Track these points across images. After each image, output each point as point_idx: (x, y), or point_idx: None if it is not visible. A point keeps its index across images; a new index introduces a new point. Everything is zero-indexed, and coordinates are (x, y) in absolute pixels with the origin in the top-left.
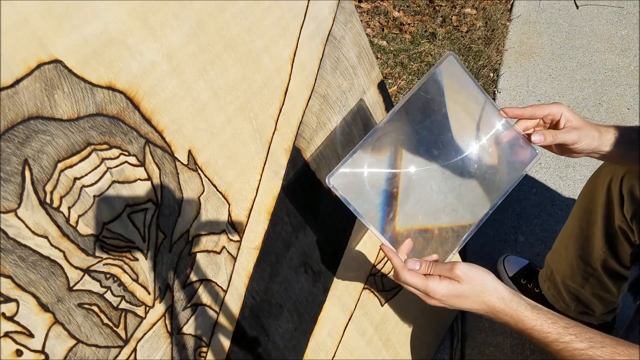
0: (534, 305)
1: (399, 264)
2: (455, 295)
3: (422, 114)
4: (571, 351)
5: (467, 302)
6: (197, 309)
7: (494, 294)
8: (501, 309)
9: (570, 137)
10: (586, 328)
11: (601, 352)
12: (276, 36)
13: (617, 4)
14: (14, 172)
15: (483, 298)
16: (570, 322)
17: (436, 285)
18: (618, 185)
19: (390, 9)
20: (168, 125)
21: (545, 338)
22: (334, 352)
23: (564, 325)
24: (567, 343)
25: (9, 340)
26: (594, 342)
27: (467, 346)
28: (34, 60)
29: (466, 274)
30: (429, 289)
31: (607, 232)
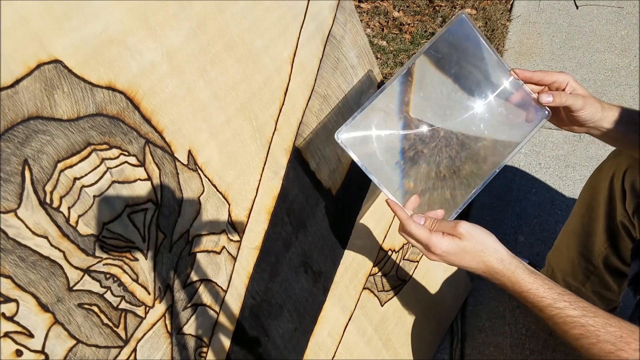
0: (531, 270)
1: (404, 216)
2: (456, 252)
3: (433, 72)
4: (564, 317)
5: (466, 259)
6: (197, 309)
7: (493, 254)
8: (499, 269)
9: (576, 103)
10: (580, 298)
11: (593, 321)
12: (276, 36)
13: (617, 4)
14: (13, 172)
15: (482, 257)
16: (565, 290)
17: (439, 240)
18: (620, 179)
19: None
20: (168, 126)
21: (539, 302)
22: (334, 352)
23: (559, 292)
24: (561, 309)
25: (8, 340)
26: (586, 311)
27: (467, 346)
28: (34, 60)
29: (469, 232)
30: (432, 242)
31: (609, 227)
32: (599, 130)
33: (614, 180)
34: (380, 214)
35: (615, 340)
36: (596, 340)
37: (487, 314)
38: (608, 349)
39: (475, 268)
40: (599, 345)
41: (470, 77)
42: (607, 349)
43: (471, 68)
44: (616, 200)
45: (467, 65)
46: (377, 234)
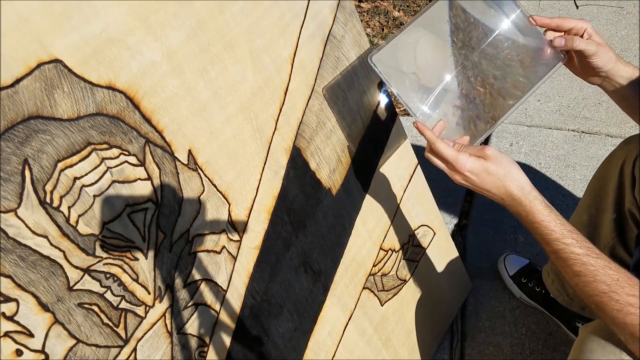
0: (547, 204)
1: (432, 136)
2: (480, 172)
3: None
4: (568, 254)
5: (488, 182)
6: (197, 309)
7: (515, 181)
8: (518, 196)
9: (590, 48)
10: (587, 239)
11: (595, 261)
12: (276, 36)
13: (617, 4)
14: (14, 171)
15: (504, 182)
16: (574, 229)
17: (465, 158)
18: (631, 166)
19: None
20: (168, 125)
21: (548, 235)
22: (334, 352)
23: (569, 229)
24: (567, 245)
25: (8, 340)
26: (590, 252)
27: (467, 346)
28: (34, 59)
29: (495, 155)
30: (459, 160)
31: (617, 218)
32: (612, 85)
33: (624, 168)
34: (380, 213)
35: (611, 282)
36: (593, 279)
37: (487, 314)
38: (602, 289)
39: (495, 193)
40: (594, 285)
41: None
42: (601, 288)
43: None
44: (626, 187)
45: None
46: (377, 233)
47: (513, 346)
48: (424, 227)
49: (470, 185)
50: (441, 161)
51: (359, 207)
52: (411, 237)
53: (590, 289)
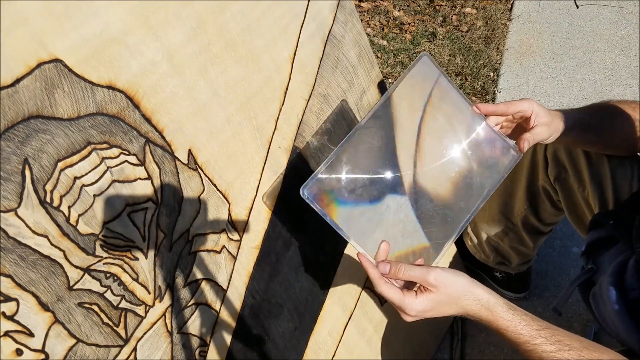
0: (510, 306)
1: (375, 275)
2: (432, 307)
3: (398, 117)
4: (540, 354)
5: (443, 310)
6: (197, 309)
7: (469, 296)
8: (477, 309)
9: (542, 135)
10: (557, 330)
11: (568, 354)
12: (276, 36)
13: (617, 3)
14: (14, 171)
15: (459, 303)
16: (542, 324)
17: (412, 301)
18: (543, 148)
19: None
20: (168, 125)
21: (517, 339)
22: (334, 351)
23: (536, 327)
24: (538, 345)
25: (9, 339)
26: (561, 345)
27: (467, 346)
28: (34, 59)
29: (440, 281)
30: (405, 304)
31: (529, 191)
32: None
33: (537, 148)
34: None
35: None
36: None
37: None
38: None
39: (454, 313)
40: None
41: (435, 119)
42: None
43: (435, 110)
44: (539, 167)
45: (432, 108)
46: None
47: None
48: None
49: (425, 318)
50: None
51: None
52: None
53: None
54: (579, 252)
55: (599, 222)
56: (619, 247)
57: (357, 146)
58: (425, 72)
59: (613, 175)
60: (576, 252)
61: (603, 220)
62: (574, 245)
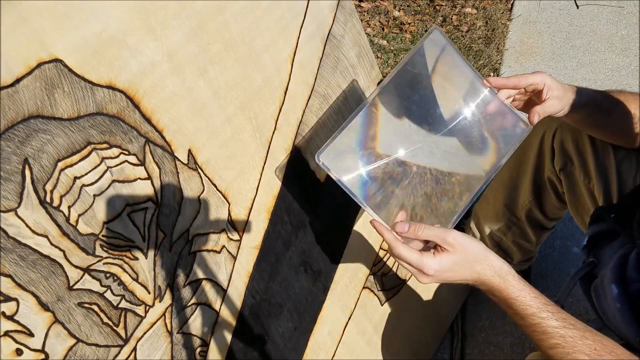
0: (520, 277)
1: (392, 238)
2: (449, 267)
3: (410, 89)
4: (545, 327)
5: (459, 272)
6: (197, 308)
7: (485, 262)
8: (490, 275)
9: (554, 108)
10: (560, 309)
11: (572, 332)
12: (276, 35)
13: (618, 3)
14: (14, 171)
15: (475, 267)
16: (549, 301)
17: (430, 260)
18: (550, 138)
19: (390, 8)
20: (168, 125)
21: (524, 310)
22: (333, 351)
23: (544, 302)
24: (543, 319)
25: (9, 339)
26: (566, 323)
27: (467, 345)
28: (34, 59)
29: (459, 242)
30: (424, 264)
31: (535, 182)
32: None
33: (544, 138)
34: None
35: (590, 351)
36: (571, 350)
37: (487, 313)
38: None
39: (467, 278)
40: (572, 355)
41: (446, 92)
42: (580, 359)
43: (446, 83)
44: (545, 157)
45: (443, 80)
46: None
47: (513, 346)
48: None
49: (441, 281)
50: (407, 264)
51: (358, 207)
52: None
53: None
54: (579, 252)
55: (600, 216)
56: (620, 241)
57: (370, 117)
58: (436, 45)
59: (618, 168)
60: (576, 252)
61: (604, 214)
62: (574, 245)
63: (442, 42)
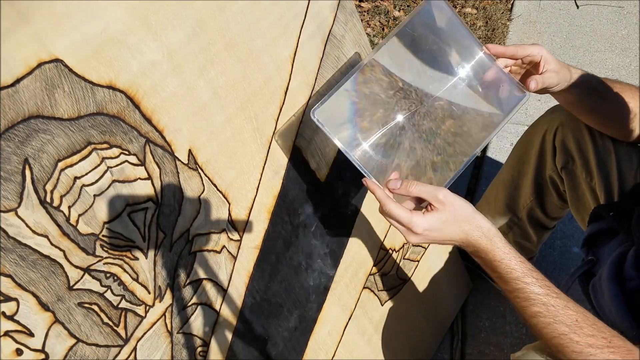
0: (506, 242)
1: (383, 196)
2: (437, 226)
3: (410, 51)
4: (527, 293)
5: (447, 231)
6: (197, 308)
7: (473, 222)
8: (477, 236)
9: (551, 80)
10: (545, 278)
11: (555, 301)
12: (276, 36)
13: (618, 3)
14: (14, 171)
15: (463, 227)
16: (534, 268)
17: (419, 218)
18: (552, 136)
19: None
20: (168, 125)
21: (508, 273)
22: (334, 351)
23: (529, 267)
24: (527, 284)
25: (9, 339)
26: (550, 291)
27: (468, 345)
28: (35, 59)
29: (449, 200)
30: (413, 222)
31: (536, 181)
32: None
33: (546, 136)
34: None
35: (571, 322)
36: (553, 320)
37: (487, 314)
38: (562, 330)
39: (454, 239)
40: (554, 326)
41: (445, 56)
42: (561, 330)
43: (446, 47)
44: (547, 155)
45: (442, 44)
46: (377, 233)
47: (513, 346)
48: None
49: (429, 241)
50: (396, 222)
51: (359, 207)
52: None
53: (550, 330)
54: (579, 252)
55: (600, 214)
56: (620, 239)
57: (365, 78)
58: (436, 9)
59: (619, 166)
60: (576, 252)
61: (603, 212)
62: (574, 245)
63: (443, 6)
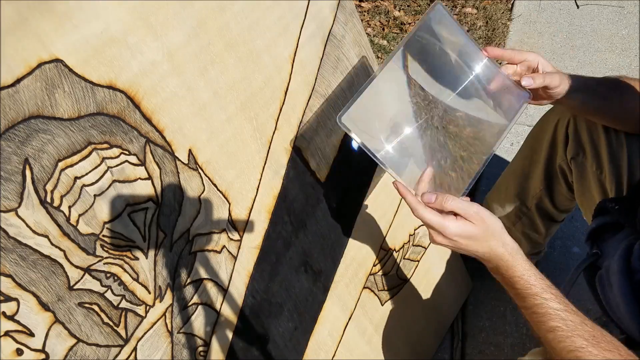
0: (527, 258)
1: (414, 201)
2: (467, 236)
3: (419, 59)
4: (546, 308)
5: (474, 244)
6: (197, 308)
7: (499, 239)
8: (501, 252)
9: (554, 81)
10: (563, 296)
11: (572, 317)
12: (276, 36)
13: (618, 3)
14: (14, 171)
15: (490, 242)
16: (552, 285)
17: (452, 223)
18: (564, 125)
19: (390, 8)
20: (168, 125)
21: (528, 289)
22: (334, 351)
23: (548, 284)
24: (546, 300)
25: (9, 339)
26: (568, 307)
27: (468, 346)
28: (35, 59)
29: (481, 215)
30: (444, 225)
31: (547, 171)
32: (561, 101)
33: (558, 125)
34: (381, 212)
35: (589, 337)
36: (571, 334)
37: (487, 314)
38: (580, 344)
39: (479, 252)
40: (572, 339)
41: (450, 63)
42: (578, 343)
43: (451, 54)
44: (558, 144)
45: (448, 51)
46: (378, 233)
47: (514, 346)
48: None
49: (454, 247)
50: (427, 226)
51: (359, 207)
52: (411, 237)
53: (568, 343)
54: (579, 252)
55: (605, 208)
56: (625, 232)
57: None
58: (439, 18)
59: (630, 160)
60: (576, 252)
61: (608, 206)
62: (574, 245)
63: (445, 15)
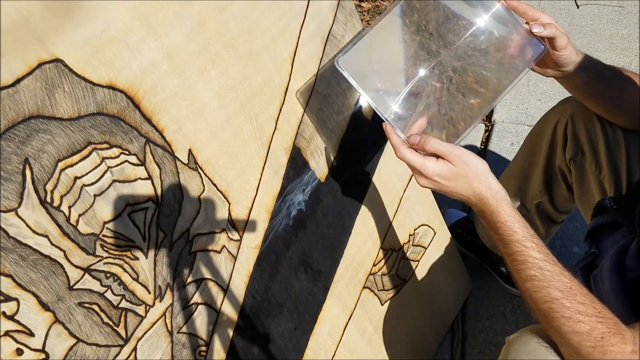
0: (512, 206)
1: (397, 141)
2: (446, 177)
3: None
4: (526, 256)
5: (457, 185)
6: (197, 308)
7: (484, 181)
8: (485, 196)
9: (562, 39)
10: (545, 246)
11: (551, 267)
12: (276, 35)
13: (618, 3)
14: (14, 171)
15: (472, 184)
16: (535, 234)
17: (433, 164)
18: (563, 126)
19: None
20: (168, 125)
21: (510, 235)
22: (334, 351)
23: (531, 233)
24: (526, 248)
25: (9, 339)
26: (548, 257)
27: (468, 345)
28: (35, 59)
29: (464, 158)
30: (426, 166)
31: (546, 172)
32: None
33: (557, 127)
34: (380, 213)
35: (564, 289)
36: (547, 284)
37: (487, 314)
38: (554, 295)
39: (463, 194)
40: (547, 290)
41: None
42: (553, 294)
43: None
44: (557, 145)
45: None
46: (377, 233)
47: None
48: (424, 226)
49: (437, 189)
50: (408, 166)
51: (359, 207)
52: (411, 237)
53: (543, 294)
54: (579, 252)
55: (604, 207)
56: (623, 232)
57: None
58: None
59: (628, 159)
60: (576, 252)
61: (607, 205)
62: (574, 245)
63: None
